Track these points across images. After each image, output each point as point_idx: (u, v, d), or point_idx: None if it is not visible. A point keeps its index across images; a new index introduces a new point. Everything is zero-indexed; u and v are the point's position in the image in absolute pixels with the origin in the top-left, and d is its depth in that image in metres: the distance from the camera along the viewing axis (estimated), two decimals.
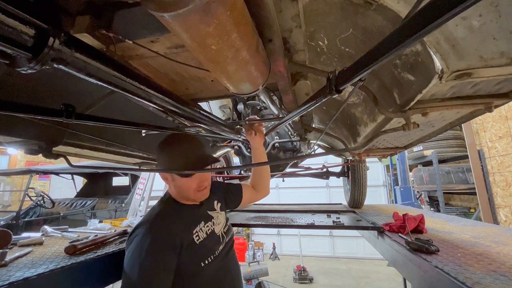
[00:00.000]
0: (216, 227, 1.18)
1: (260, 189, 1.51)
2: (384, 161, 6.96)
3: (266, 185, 1.53)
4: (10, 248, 1.43)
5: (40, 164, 8.04)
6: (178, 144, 1.10)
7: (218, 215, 1.25)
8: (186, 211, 1.12)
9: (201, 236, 1.07)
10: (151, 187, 4.00)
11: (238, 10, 0.50)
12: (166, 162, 1.09)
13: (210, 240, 1.10)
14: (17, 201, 8.13)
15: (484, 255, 1.19)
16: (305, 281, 5.70)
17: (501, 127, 4.04)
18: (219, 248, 1.12)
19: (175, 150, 1.08)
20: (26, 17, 0.37)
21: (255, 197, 1.52)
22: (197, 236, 1.05)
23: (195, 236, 1.04)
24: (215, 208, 1.28)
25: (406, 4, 0.61)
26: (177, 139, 1.12)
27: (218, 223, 1.21)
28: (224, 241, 1.18)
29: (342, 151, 1.42)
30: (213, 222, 1.18)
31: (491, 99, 0.85)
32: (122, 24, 0.74)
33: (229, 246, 1.21)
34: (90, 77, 0.53)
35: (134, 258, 0.91)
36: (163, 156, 1.10)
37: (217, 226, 1.19)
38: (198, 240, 1.04)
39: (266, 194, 1.54)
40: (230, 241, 1.24)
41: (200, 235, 1.07)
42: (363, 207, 3.03)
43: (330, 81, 0.65)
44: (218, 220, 1.22)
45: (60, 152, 1.15)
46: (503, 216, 4.01)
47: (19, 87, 0.96)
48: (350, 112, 1.47)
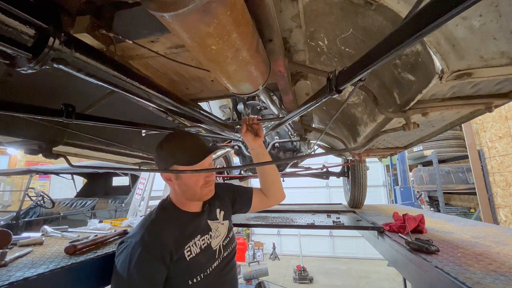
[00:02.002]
0: (214, 241, 1.10)
1: (270, 194, 1.37)
2: (384, 161, 6.97)
3: (276, 189, 1.37)
4: (10, 248, 1.43)
5: (40, 164, 8.04)
6: (178, 140, 1.05)
7: (219, 226, 1.17)
8: (184, 220, 1.06)
9: (194, 251, 1.00)
10: (151, 187, 4.01)
11: (238, 10, 0.50)
12: (169, 160, 1.02)
13: (204, 255, 1.03)
14: (17, 201, 8.13)
15: (484, 255, 1.19)
16: (305, 281, 5.70)
17: (501, 127, 4.04)
18: (213, 264, 1.05)
19: (177, 146, 1.04)
20: (26, 17, 0.37)
21: (266, 203, 1.39)
22: (188, 252, 0.99)
23: (186, 251, 0.98)
24: (218, 217, 1.20)
25: (406, 4, 0.61)
26: (175, 136, 1.08)
27: (217, 235, 1.13)
28: (220, 256, 1.10)
29: (342, 151, 1.42)
30: (211, 235, 1.10)
31: (491, 99, 0.85)
32: (122, 24, 0.74)
33: (226, 261, 1.13)
34: (90, 77, 0.53)
35: (123, 268, 0.89)
36: (165, 155, 1.03)
37: (215, 239, 1.11)
38: (189, 256, 0.98)
39: (280, 199, 1.40)
40: (229, 255, 1.16)
41: (193, 250, 1.00)
42: (363, 207, 3.03)
43: (330, 81, 0.65)
44: (217, 233, 1.14)
45: (60, 152, 1.15)
46: (503, 216, 4.01)
47: (19, 87, 0.96)
48: (350, 112, 1.47)
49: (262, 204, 1.39)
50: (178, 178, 1.04)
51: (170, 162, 1.02)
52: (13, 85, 0.92)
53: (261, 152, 1.30)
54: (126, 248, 0.93)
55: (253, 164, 1.62)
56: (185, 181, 1.04)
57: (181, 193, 1.07)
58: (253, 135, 1.26)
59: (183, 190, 1.06)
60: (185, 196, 1.07)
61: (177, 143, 1.04)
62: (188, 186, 1.04)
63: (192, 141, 1.07)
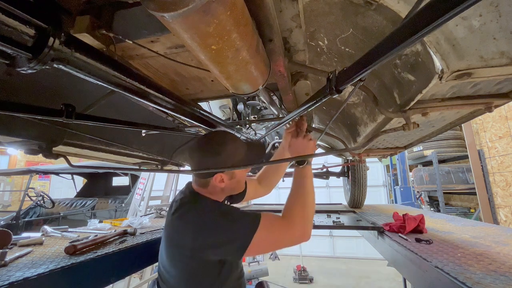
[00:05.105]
0: None
1: (266, 185, 1.45)
2: (384, 161, 6.97)
3: (273, 184, 1.47)
4: (10, 248, 1.43)
5: (40, 164, 8.04)
6: (233, 141, 1.03)
7: None
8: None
9: None
10: (151, 187, 3.99)
11: (238, 10, 0.50)
12: (228, 162, 0.98)
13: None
14: (17, 201, 8.13)
15: (484, 255, 1.19)
16: (305, 281, 5.70)
17: (501, 127, 4.04)
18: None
19: (230, 146, 1.00)
20: (26, 17, 0.37)
21: (258, 192, 1.45)
22: None
23: None
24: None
25: (406, 4, 0.61)
26: (227, 137, 1.04)
27: None
28: None
29: (342, 151, 1.42)
30: None
31: (491, 99, 0.85)
32: (122, 24, 0.74)
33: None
34: (90, 77, 0.53)
35: (216, 214, 0.92)
36: (222, 157, 0.97)
37: None
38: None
39: (267, 193, 1.49)
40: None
41: None
42: (363, 207, 3.03)
43: (330, 81, 0.65)
44: None
45: (60, 152, 1.15)
46: (503, 216, 4.00)
47: (19, 87, 0.96)
48: (350, 112, 1.47)
49: (255, 193, 1.43)
50: (233, 177, 1.03)
51: (230, 163, 0.98)
52: (13, 85, 0.92)
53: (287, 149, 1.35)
54: (208, 211, 0.94)
55: (253, 164, 1.62)
56: (238, 178, 1.05)
57: (229, 191, 1.07)
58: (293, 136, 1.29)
59: (232, 187, 1.06)
60: (231, 192, 1.09)
61: (235, 145, 1.02)
62: (239, 182, 1.07)
63: (240, 140, 1.08)
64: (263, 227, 0.88)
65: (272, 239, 0.93)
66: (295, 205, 1.01)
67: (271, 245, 1.00)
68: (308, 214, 1.00)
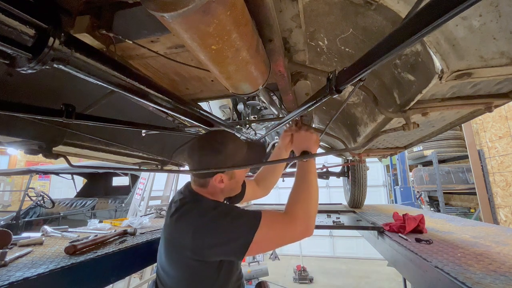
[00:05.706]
0: None
1: (264, 186, 1.43)
2: (384, 161, 6.96)
3: (271, 185, 1.46)
4: (10, 248, 1.43)
5: (40, 164, 8.04)
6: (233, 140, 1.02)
7: None
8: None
9: None
10: (151, 187, 3.99)
11: (238, 10, 0.50)
12: (228, 162, 0.97)
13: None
14: (17, 201, 8.13)
15: (484, 255, 1.19)
16: (305, 281, 5.70)
17: (501, 127, 4.04)
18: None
19: (231, 145, 0.98)
20: (26, 17, 0.37)
21: (256, 194, 1.42)
22: None
23: None
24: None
25: (406, 4, 0.61)
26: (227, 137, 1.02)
27: None
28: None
29: (342, 151, 1.41)
30: None
31: (491, 99, 0.85)
32: (122, 24, 0.74)
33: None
34: (90, 77, 0.53)
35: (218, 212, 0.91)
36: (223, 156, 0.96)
37: None
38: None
39: (266, 194, 1.47)
40: None
41: None
42: (363, 207, 3.03)
43: (330, 81, 0.65)
44: None
45: (60, 152, 1.15)
46: (503, 216, 4.00)
47: (19, 87, 0.96)
48: (350, 112, 1.47)
49: (253, 194, 1.41)
50: (233, 177, 1.02)
51: (229, 163, 0.97)
52: (13, 85, 0.92)
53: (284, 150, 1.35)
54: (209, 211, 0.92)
55: (253, 164, 1.62)
56: (237, 178, 1.04)
57: (228, 191, 1.06)
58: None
59: (232, 188, 1.05)
60: (230, 193, 1.08)
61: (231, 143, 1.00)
62: (237, 183, 1.06)
63: (241, 140, 1.07)
64: (264, 225, 0.87)
65: (274, 236, 0.92)
66: (298, 200, 0.99)
67: (273, 242, 0.97)
68: (311, 208, 0.97)
